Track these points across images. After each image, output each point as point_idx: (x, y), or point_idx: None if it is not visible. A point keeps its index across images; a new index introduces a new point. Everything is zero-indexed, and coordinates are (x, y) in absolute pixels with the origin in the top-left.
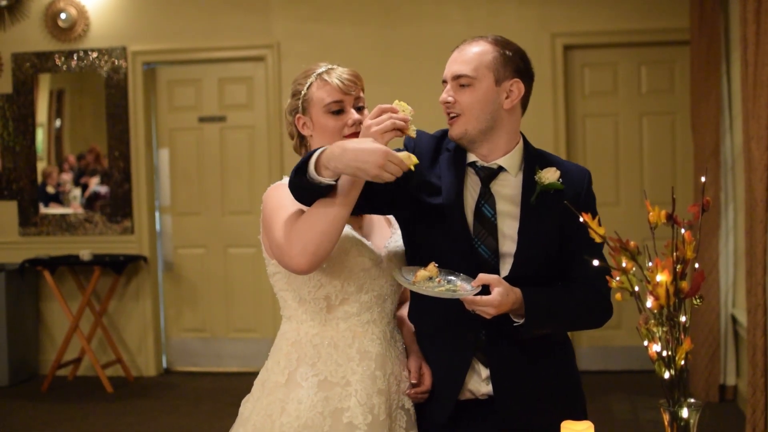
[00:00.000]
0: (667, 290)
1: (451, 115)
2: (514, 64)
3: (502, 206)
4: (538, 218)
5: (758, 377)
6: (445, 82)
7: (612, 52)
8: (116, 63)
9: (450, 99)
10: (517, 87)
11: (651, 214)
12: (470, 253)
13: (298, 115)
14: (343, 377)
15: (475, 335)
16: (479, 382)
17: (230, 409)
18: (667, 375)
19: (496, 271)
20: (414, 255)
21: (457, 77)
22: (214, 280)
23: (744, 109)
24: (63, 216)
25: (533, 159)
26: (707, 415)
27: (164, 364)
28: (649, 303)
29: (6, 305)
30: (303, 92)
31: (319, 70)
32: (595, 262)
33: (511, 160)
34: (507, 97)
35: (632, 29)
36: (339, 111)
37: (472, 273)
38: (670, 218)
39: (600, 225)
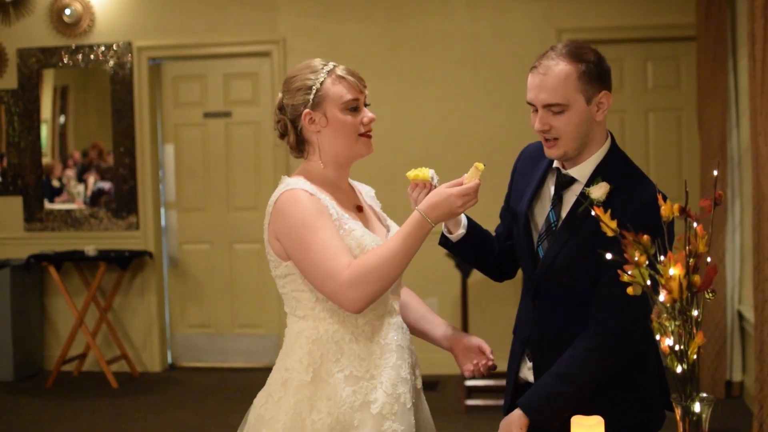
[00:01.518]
0: (680, 284)
1: (548, 138)
2: (596, 74)
3: (565, 213)
4: (574, 229)
5: (765, 374)
6: (531, 104)
7: (618, 48)
8: (121, 58)
9: (546, 128)
10: (606, 98)
11: (663, 208)
12: (532, 253)
13: (306, 111)
14: (367, 371)
15: (526, 334)
16: (527, 372)
17: (235, 404)
18: (679, 369)
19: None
20: None
21: (548, 106)
22: (219, 276)
23: (751, 105)
24: (68, 212)
25: (605, 171)
26: (715, 411)
27: (169, 360)
28: (662, 297)
29: (11, 300)
30: (316, 87)
31: (328, 67)
32: (608, 256)
33: (582, 170)
34: (598, 110)
35: (638, 25)
36: (355, 108)
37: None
38: (683, 212)
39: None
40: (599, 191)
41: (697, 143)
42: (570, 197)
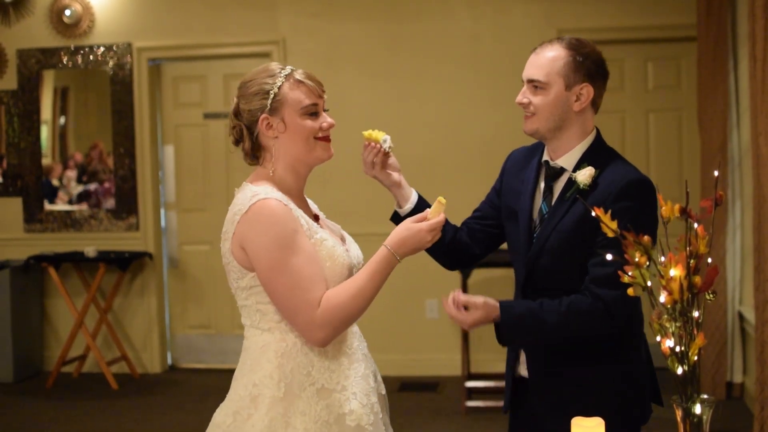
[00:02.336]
0: (681, 285)
1: (526, 113)
2: (585, 68)
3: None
4: (562, 215)
5: (766, 375)
6: (523, 80)
7: (618, 49)
8: (121, 59)
9: (525, 101)
10: (586, 90)
11: (663, 208)
12: (529, 244)
13: (263, 116)
14: (338, 383)
15: None
16: (521, 368)
17: None
18: (680, 371)
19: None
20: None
21: (531, 81)
22: (219, 277)
23: (752, 105)
24: (68, 213)
25: (590, 158)
26: (716, 413)
27: (169, 361)
28: (663, 298)
29: (11, 302)
30: (273, 92)
31: (286, 71)
32: (609, 256)
33: (569, 159)
34: (577, 100)
35: (638, 25)
36: (314, 113)
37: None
38: (684, 212)
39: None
40: (585, 175)
41: (697, 143)
42: (559, 186)
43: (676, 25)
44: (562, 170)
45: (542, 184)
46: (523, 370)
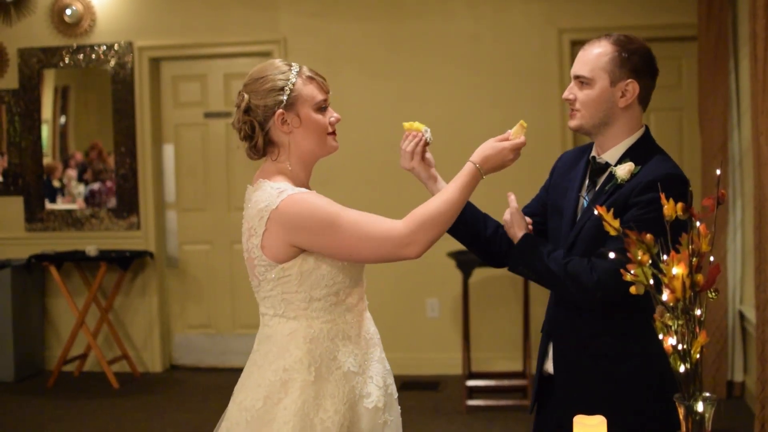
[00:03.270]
0: (683, 283)
1: (572, 109)
2: (631, 64)
3: None
4: (600, 203)
5: (767, 374)
6: (571, 78)
7: None
8: (122, 58)
9: (571, 96)
10: (632, 87)
11: (666, 207)
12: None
13: (279, 111)
14: (359, 366)
15: (551, 325)
16: (549, 365)
17: None
18: (682, 369)
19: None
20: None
21: (577, 77)
22: (219, 276)
23: (753, 104)
24: (69, 212)
25: (633, 154)
26: (717, 412)
27: (170, 360)
28: (665, 296)
29: (12, 301)
30: (288, 88)
31: (295, 68)
32: (611, 255)
33: (614, 154)
34: (622, 96)
35: (639, 24)
36: (325, 108)
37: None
38: (686, 211)
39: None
40: (624, 170)
41: (698, 143)
42: (602, 180)
43: (676, 24)
44: (606, 165)
45: (587, 180)
46: (550, 367)
